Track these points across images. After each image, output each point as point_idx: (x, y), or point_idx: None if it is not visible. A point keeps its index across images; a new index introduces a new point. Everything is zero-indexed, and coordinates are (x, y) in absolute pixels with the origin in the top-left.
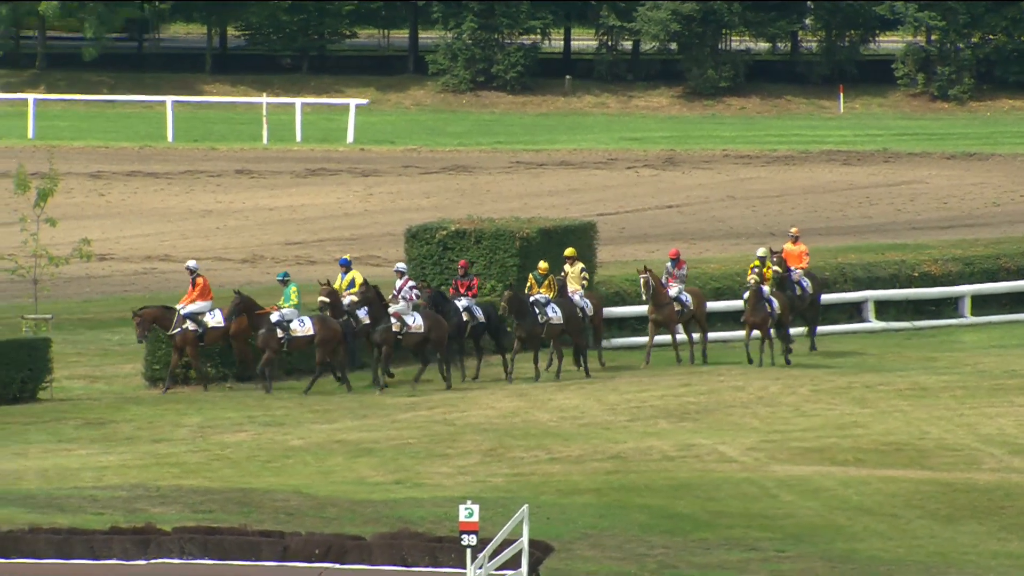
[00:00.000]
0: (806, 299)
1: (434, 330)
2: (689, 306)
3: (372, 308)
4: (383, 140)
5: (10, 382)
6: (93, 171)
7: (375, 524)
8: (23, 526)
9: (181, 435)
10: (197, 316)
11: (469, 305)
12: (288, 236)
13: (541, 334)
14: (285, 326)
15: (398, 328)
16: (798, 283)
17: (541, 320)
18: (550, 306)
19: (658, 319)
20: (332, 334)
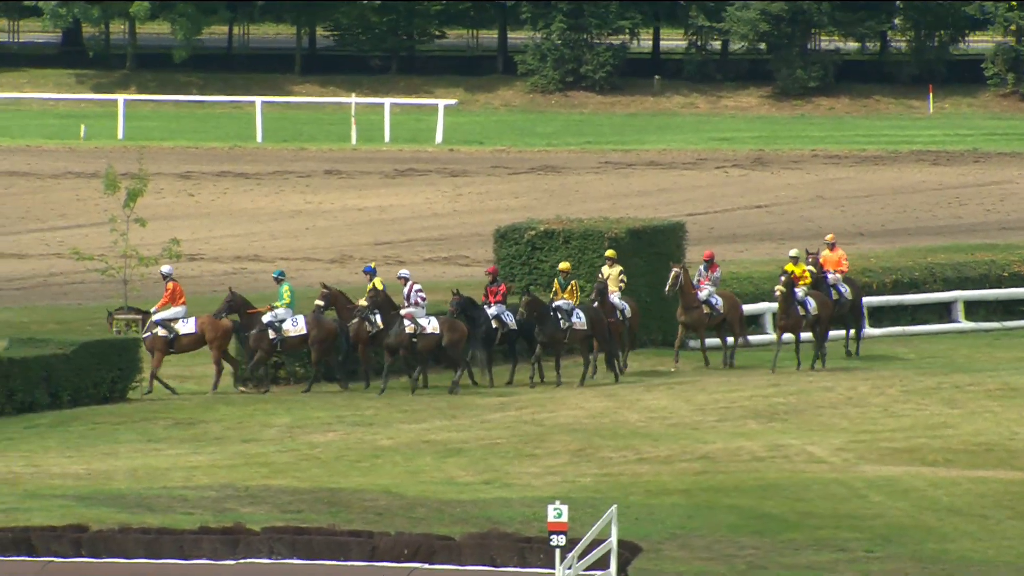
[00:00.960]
0: (844, 304)
1: (449, 333)
2: (719, 309)
3: (383, 312)
4: (472, 140)
5: (100, 382)
6: (183, 171)
7: (464, 524)
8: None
9: (270, 435)
10: (168, 322)
11: (499, 312)
12: (377, 236)
13: (563, 339)
14: (277, 326)
15: (412, 330)
16: (834, 287)
17: (563, 326)
18: (574, 312)
19: (687, 322)
20: (326, 334)
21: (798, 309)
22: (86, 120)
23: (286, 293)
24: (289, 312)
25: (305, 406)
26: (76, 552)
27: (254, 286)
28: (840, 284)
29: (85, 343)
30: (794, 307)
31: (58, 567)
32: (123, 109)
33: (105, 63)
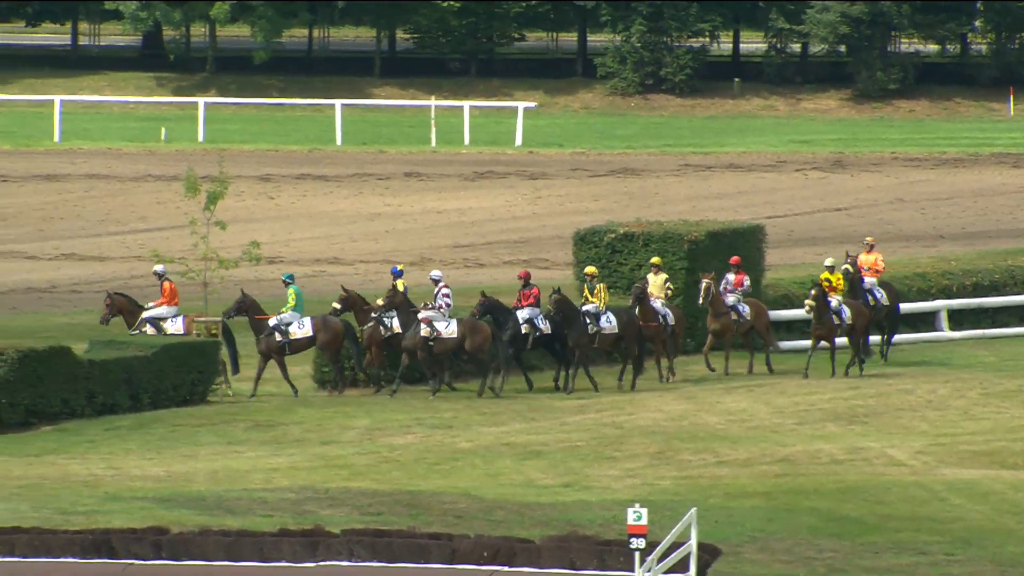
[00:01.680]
0: (880, 309)
1: (470, 337)
2: (746, 316)
3: (400, 314)
4: (551, 143)
5: (180, 384)
6: (262, 174)
7: (543, 527)
8: (193, 528)
9: (350, 437)
10: (157, 321)
11: (531, 315)
12: (456, 239)
13: (591, 344)
14: (283, 329)
15: (427, 333)
16: (870, 292)
17: (591, 330)
18: (603, 316)
19: (716, 328)
20: (333, 336)
21: (832, 317)
22: (166, 123)
23: (292, 296)
24: (296, 315)
25: (384, 408)
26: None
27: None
28: (876, 289)
29: (165, 345)
30: (828, 315)
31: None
32: (203, 112)
33: (185, 66)
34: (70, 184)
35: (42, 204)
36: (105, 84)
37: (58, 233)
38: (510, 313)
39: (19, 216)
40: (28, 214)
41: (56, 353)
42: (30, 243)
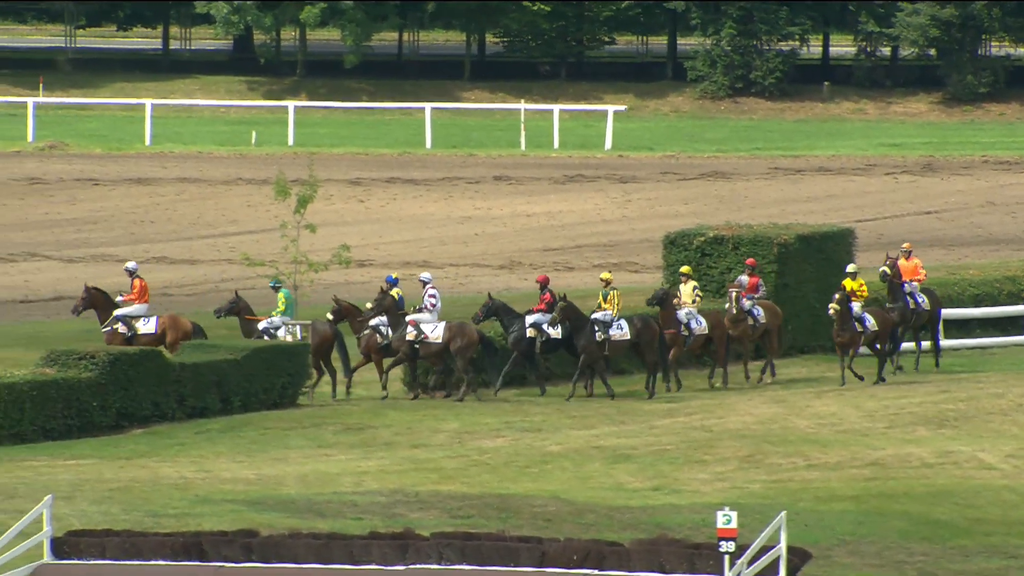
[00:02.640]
0: (922, 314)
1: (456, 339)
2: (761, 320)
3: (390, 317)
4: (641, 146)
5: (270, 387)
6: (352, 178)
7: (633, 530)
8: (283, 531)
9: (439, 441)
10: (129, 319)
11: (538, 321)
12: (546, 243)
13: (600, 352)
14: (272, 333)
15: (413, 336)
16: (911, 295)
17: (599, 338)
18: (615, 324)
19: (734, 333)
20: (321, 340)
21: (855, 325)
22: (257, 127)
23: (281, 301)
24: (286, 319)
25: (474, 412)
26: (247, 557)
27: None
28: (917, 293)
29: (256, 349)
30: (851, 323)
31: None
32: (293, 115)
33: (276, 70)
34: (161, 188)
35: (134, 207)
36: (196, 88)
37: (149, 236)
38: (517, 317)
39: (111, 219)
40: (120, 217)
41: (147, 356)
42: (122, 246)
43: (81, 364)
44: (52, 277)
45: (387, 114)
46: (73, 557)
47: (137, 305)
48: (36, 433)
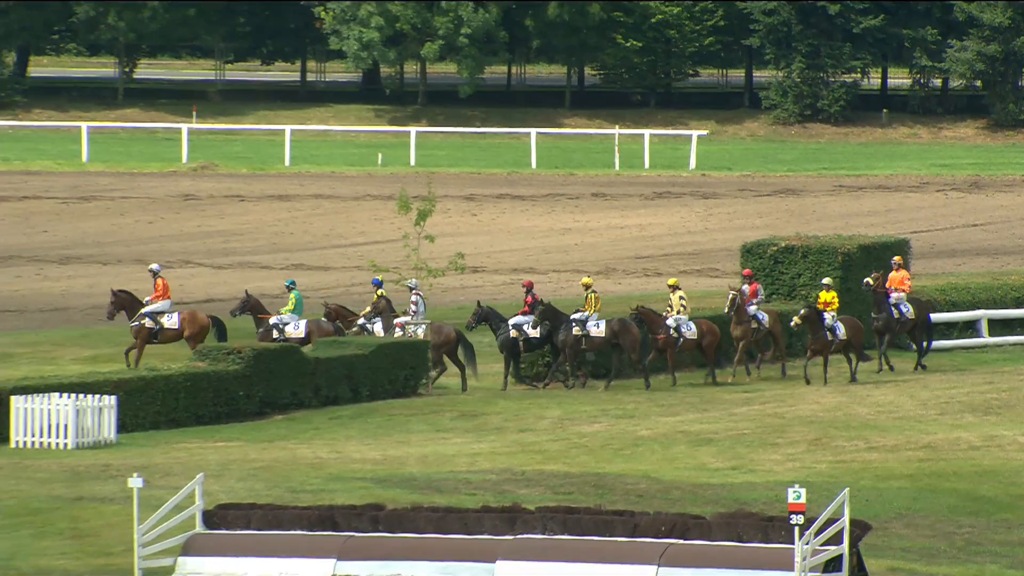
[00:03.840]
0: (907, 322)
1: (434, 337)
2: (765, 324)
3: (383, 318)
4: (721, 167)
5: (395, 379)
6: (467, 194)
7: (714, 505)
8: (406, 505)
9: (543, 426)
10: (156, 315)
11: (521, 322)
12: (637, 251)
13: (578, 346)
14: (281, 329)
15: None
16: (896, 306)
17: (576, 332)
18: (591, 323)
19: (736, 335)
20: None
21: (827, 334)
22: (383, 149)
23: (292, 301)
24: (294, 317)
25: (574, 401)
26: (374, 528)
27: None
28: (902, 303)
29: (382, 345)
30: (823, 331)
31: (358, 541)
32: (414, 139)
33: (399, 99)
34: (299, 203)
35: (274, 221)
36: (330, 115)
37: (288, 246)
38: (503, 320)
39: (254, 231)
40: (262, 230)
41: (287, 352)
42: (264, 255)
43: (229, 358)
44: (204, 282)
45: (497, 138)
46: (222, 528)
47: (162, 302)
48: (189, 419)
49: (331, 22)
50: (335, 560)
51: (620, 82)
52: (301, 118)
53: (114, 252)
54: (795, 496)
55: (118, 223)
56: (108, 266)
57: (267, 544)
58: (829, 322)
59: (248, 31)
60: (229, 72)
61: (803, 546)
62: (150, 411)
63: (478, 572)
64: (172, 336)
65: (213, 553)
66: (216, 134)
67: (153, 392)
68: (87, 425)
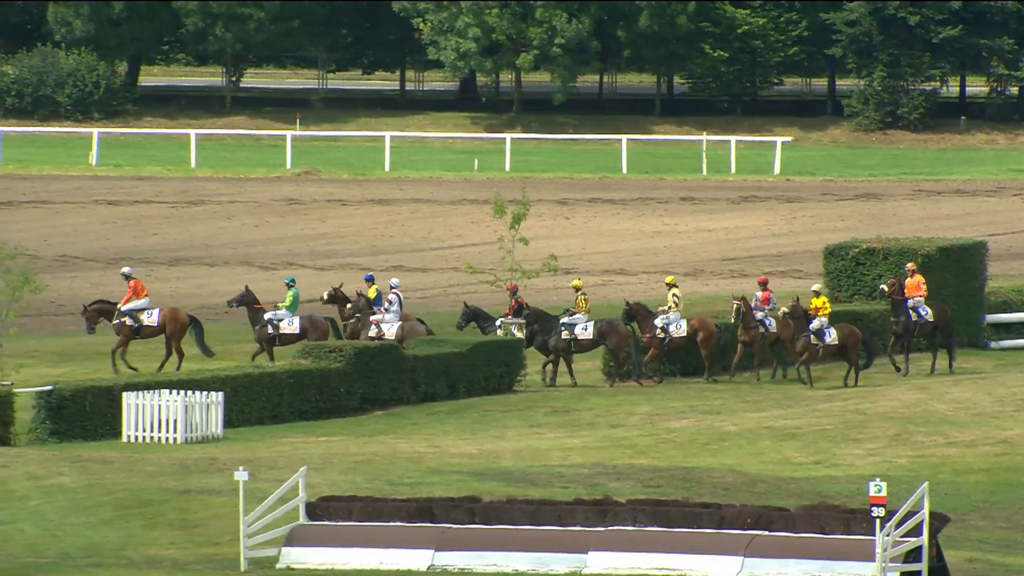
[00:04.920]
0: (926, 324)
1: (406, 337)
2: (772, 330)
3: (362, 315)
4: (805, 172)
5: (490, 376)
6: (560, 198)
7: (798, 498)
8: (502, 498)
9: (634, 421)
10: (135, 313)
11: (507, 323)
12: (724, 253)
13: (565, 348)
14: (276, 324)
15: (374, 334)
16: (915, 310)
17: (565, 336)
18: (580, 324)
19: (745, 340)
20: (322, 333)
21: (811, 337)
22: (479, 155)
23: (289, 298)
24: (288, 313)
25: (663, 397)
26: (471, 520)
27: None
28: (920, 307)
29: (478, 343)
30: (807, 336)
31: (455, 533)
32: (509, 146)
33: (495, 107)
34: (398, 207)
35: (375, 224)
36: (428, 123)
37: (388, 248)
38: (490, 320)
39: (356, 234)
40: (363, 232)
41: (386, 350)
42: (365, 257)
43: (331, 356)
44: (307, 283)
45: (589, 144)
46: (324, 519)
47: (141, 300)
48: (293, 414)
49: (430, 33)
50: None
51: (708, 90)
52: (400, 125)
53: (221, 254)
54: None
55: (225, 226)
56: (215, 268)
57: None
58: (816, 326)
59: (350, 42)
60: (331, 81)
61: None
62: (255, 407)
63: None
64: (152, 332)
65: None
66: (319, 141)
67: (258, 389)
68: (195, 420)
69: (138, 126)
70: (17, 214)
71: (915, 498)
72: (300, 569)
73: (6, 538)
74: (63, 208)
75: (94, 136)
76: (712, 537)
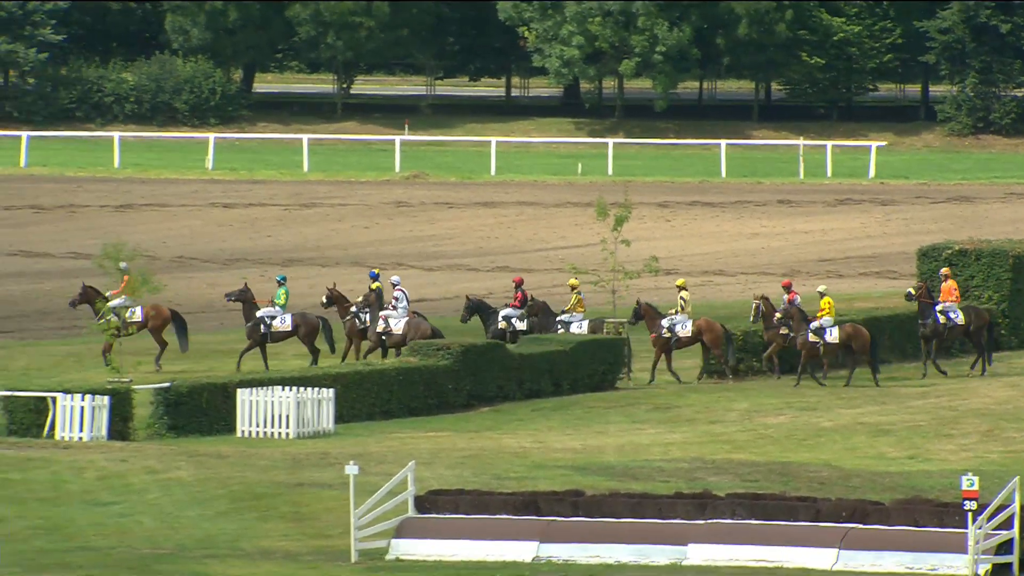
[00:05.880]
0: (956, 327)
1: (411, 333)
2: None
3: (372, 311)
4: (899, 175)
5: (593, 373)
6: (660, 201)
7: (892, 492)
8: (604, 491)
9: (732, 418)
10: (119, 309)
11: (509, 315)
12: (820, 255)
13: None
14: (267, 321)
15: (382, 329)
16: (944, 313)
17: (559, 331)
18: (575, 323)
19: (767, 340)
20: (311, 328)
21: (808, 335)
22: (582, 159)
23: (282, 295)
24: (280, 311)
25: (760, 394)
26: (574, 512)
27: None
28: (951, 310)
29: (581, 342)
30: (806, 334)
31: (559, 525)
32: (612, 150)
33: (598, 113)
34: (504, 210)
35: (481, 226)
36: (533, 128)
37: (493, 250)
38: (493, 312)
39: (462, 236)
40: (469, 234)
41: (492, 348)
42: (471, 258)
43: (439, 354)
44: (415, 283)
45: (689, 149)
46: (432, 512)
47: (126, 298)
48: (402, 410)
49: (534, 41)
50: (538, 543)
51: (804, 96)
52: (506, 130)
53: (332, 255)
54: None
55: (336, 228)
56: (327, 268)
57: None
58: (816, 326)
59: (457, 50)
60: (439, 88)
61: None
62: (365, 403)
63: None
64: (137, 327)
65: (424, 536)
66: (427, 145)
67: (368, 385)
68: (307, 416)
69: (252, 131)
70: (136, 216)
71: (1006, 492)
72: (409, 560)
73: (125, 530)
74: (180, 211)
75: (210, 141)
76: (808, 530)
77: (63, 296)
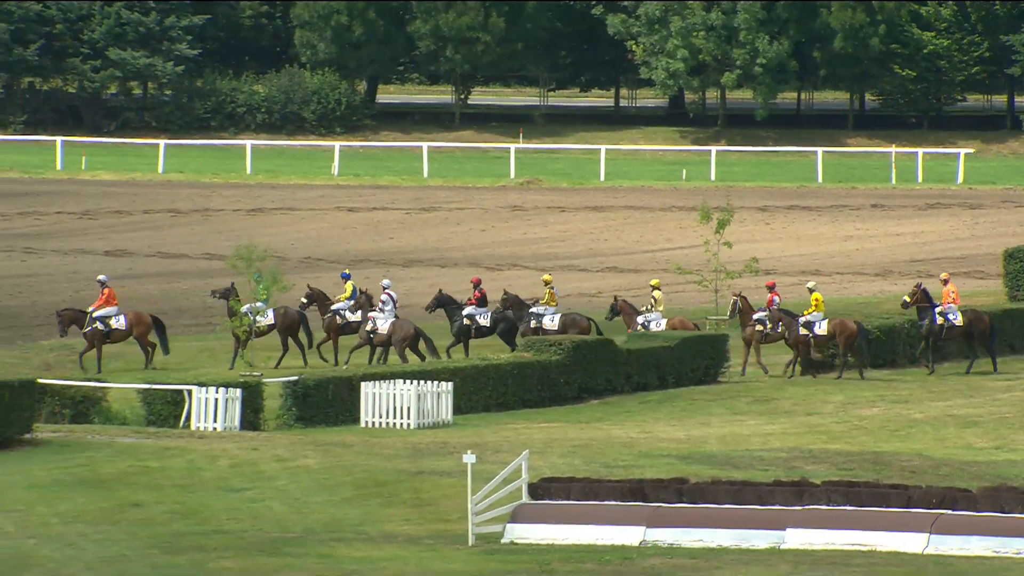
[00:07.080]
0: (954, 328)
1: (394, 333)
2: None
3: (363, 311)
4: (986, 181)
5: (697, 368)
6: (760, 206)
7: (979, 480)
8: (707, 479)
9: (828, 409)
10: (105, 319)
11: (472, 312)
12: (912, 256)
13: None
14: (253, 317)
15: (370, 328)
16: (943, 315)
17: (532, 325)
18: (547, 316)
19: (744, 337)
20: (290, 323)
21: (799, 329)
22: (686, 166)
23: (263, 293)
24: (263, 306)
25: (855, 387)
26: (678, 499)
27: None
28: (951, 313)
29: (686, 338)
30: (797, 328)
31: (664, 511)
32: (715, 158)
33: (701, 122)
34: (613, 213)
35: (591, 229)
36: (640, 136)
37: (603, 252)
38: (458, 308)
39: (574, 238)
40: (580, 236)
41: (602, 344)
42: (582, 259)
43: (552, 350)
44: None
45: (788, 156)
46: (545, 498)
47: (110, 307)
48: (516, 402)
49: (642, 54)
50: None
51: (897, 106)
52: (614, 139)
53: (451, 256)
54: None
55: (454, 231)
56: (446, 268)
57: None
58: (803, 320)
59: (569, 62)
60: (551, 98)
61: None
62: (482, 396)
63: (770, 539)
64: (122, 336)
65: (537, 521)
66: (540, 153)
67: (485, 379)
68: (427, 408)
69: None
70: (267, 220)
71: None
72: (523, 543)
73: (256, 514)
74: (308, 214)
75: (336, 149)
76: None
77: (199, 295)
